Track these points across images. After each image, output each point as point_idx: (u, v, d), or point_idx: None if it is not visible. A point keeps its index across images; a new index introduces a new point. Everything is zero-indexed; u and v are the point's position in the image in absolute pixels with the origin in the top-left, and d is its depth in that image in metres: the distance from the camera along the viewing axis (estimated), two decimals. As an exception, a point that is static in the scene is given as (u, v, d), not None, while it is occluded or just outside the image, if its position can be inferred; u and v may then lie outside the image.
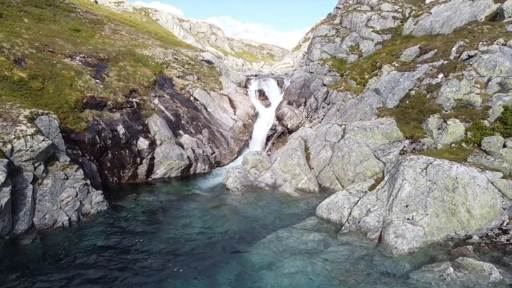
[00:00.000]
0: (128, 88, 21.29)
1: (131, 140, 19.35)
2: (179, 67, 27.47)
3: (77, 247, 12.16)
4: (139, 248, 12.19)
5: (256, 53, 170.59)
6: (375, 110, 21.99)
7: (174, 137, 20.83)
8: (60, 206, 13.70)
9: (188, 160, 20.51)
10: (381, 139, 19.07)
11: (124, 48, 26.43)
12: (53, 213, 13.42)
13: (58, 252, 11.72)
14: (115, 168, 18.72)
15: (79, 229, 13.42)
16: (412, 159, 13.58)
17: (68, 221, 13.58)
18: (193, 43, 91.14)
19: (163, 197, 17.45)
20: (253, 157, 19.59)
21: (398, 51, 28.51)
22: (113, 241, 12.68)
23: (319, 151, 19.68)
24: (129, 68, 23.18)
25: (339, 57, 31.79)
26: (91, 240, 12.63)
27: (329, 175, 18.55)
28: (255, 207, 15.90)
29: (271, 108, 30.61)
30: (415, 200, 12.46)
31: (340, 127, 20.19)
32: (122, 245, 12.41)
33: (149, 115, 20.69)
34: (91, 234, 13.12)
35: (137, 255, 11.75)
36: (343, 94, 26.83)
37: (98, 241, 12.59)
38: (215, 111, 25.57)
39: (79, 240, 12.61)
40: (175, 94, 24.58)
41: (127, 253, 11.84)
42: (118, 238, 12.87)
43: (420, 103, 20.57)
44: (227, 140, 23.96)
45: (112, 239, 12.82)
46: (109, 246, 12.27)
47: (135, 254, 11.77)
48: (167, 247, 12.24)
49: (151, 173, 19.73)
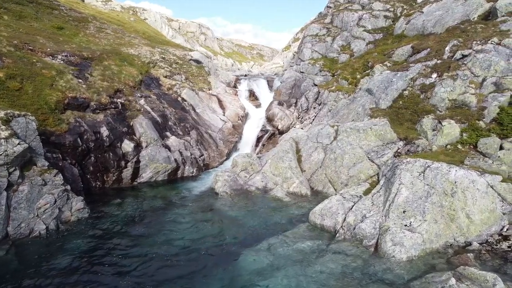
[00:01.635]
0: (112, 88, 20.43)
1: (116, 143, 18.51)
2: (166, 66, 26.65)
3: (54, 257, 11.34)
4: (121, 258, 11.41)
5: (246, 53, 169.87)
6: (368, 111, 21.47)
7: (160, 139, 20.03)
8: (37, 214, 12.84)
9: (175, 163, 19.73)
10: (374, 141, 18.53)
11: (109, 47, 25.52)
12: (29, 221, 12.56)
13: (34, 263, 10.90)
14: (98, 172, 17.87)
15: (57, 238, 12.59)
16: (409, 162, 13.03)
17: (46, 229, 12.73)
18: (182, 43, 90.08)
19: (149, 202, 16.67)
20: (243, 160, 18.90)
21: (390, 50, 28.08)
22: (93, 251, 11.88)
23: (311, 153, 19.07)
24: (114, 67, 22.31)
25: (330, 57, 31.27)
26: (70, 250, 11.82)
27: (322, 178, 17.95)
28: (245, 212, 15.21)
29: (261, 108, 29.95)
30: (413, 206, 11.89)
31: (332, 128, 19.61)
32: (103, 255, 11.62)
33: (135, 116, 19.86)
34: (70, 243, 12.30)
35: (119, 265, 10.98)
36: (335, 94, 26.29)
37: (77, 251, 11.78)
38: (204, 112, 24.82)
39: (57, 250, 11.78)
40: (162, 94, 23.77)
41: (108, 264, 11.06)
42: (98, 248, 12.08)
43: (414, 104, 20.10)
44: (216, 142, 23.23)
45: (92, 248, 12.02)
46: (89, 256, 11.47)
47: (116, 265, 11.01)
48: (151, 257, 11.49)
49: (136, 177, 18.92)
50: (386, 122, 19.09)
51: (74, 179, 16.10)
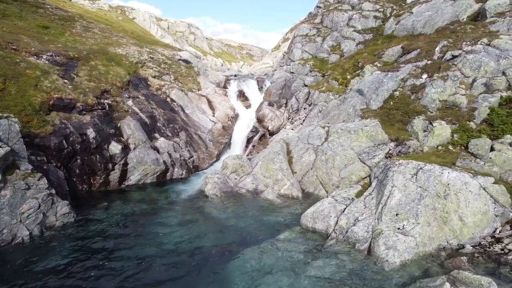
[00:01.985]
0: (99, 89, 19.98)
1: (103, 145, 18.08)
2: (155, 66, 26.22)
3: (38, 265, 10.93)
4: (107, 264, 11.05)
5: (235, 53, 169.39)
6: (359, 112, 21.35)
7: (149, 140, 19.64)
8: (20, 220, 12.40)
9: (164, 165, 19.36)
10: (365, 142, 18.41)
11: (97, 47, 25.01)
12: (12, 227, 12.11)
13: (16, 272, 10.48)
14: (84, 174, 17.43)
15: (41, 245, 12.16)
16: (401, 164, 12.88)
17: (29, 236, 12.29)
18: (171, 43, 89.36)
19: (137, 206, 16.29)
20: (233, 162, 18.62)
21: (380, 51, 28.05)
22: (78, 257, 11.48)
23: (302, 155, 18.86)
24: (101, 67, 21.84)
25: (321, 57, 31.15)
26: (54, 257, 11.41)
27: (313, 180, 17.76)
28: (236, 216, 14.93)
29: (252, 109, 29.69)
30: (406, 208, 11.74)
31: (323, 129, 19.43)
32: (88, 261, 11.24)
33: (122, 118, 19.44)
34: (54, 250, 11.89)
35: (105, 272, 10.62)
36: (325, 95, 26.15)
37: (61, 258, 11.38)
38: (193, 113, 24.47)
39: (41, 257, 11.36)
40: (151, 95, 23.36)
41: (93, 270, 10.69)
42: (84, 254, 11.69)
43: (405, 104, 20.04)
44: (206, 143, 22.90)
45: (78, 255, 11.62)
46: (74, 263, 11.07)
47: (102, 272, 10.64)
48: (138, 263, 11.15)
49: (124, 180, 18.50)
50: (377, 123, 18.97)
51: (59, 183, 15.65)
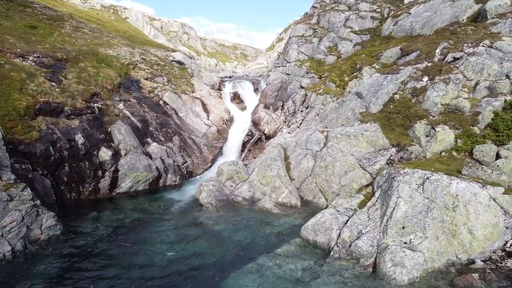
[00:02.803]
0: (89, 92, 19.15)
1: (92, 151, 17.27)
2: (147, 68, 25.40)
3: (20, 283, 10.15)
4: (95, 281, 10.29)
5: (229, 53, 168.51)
6: (358, 115, 20.73)
7: (141, 146, 18.86)
8: (2, 234, 11.58)
9: (157, 172, 18.59)
10: (366, 147, 17.78)
11: (86, 47, 24.14)
12: (-8, 242, 11.32)
13: (-5, 293, 9.71)
14: (73, 182, 16.61)
15: (24, 261, 11.36)
16: (407, 174, 12.24)
17: (12, 251, 11.48)
18: (164, 43, 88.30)
19: (128, 215, 15.52)
20: (229, 168, 17.90)
21: (378, 52, 27.47)
22: (64, 274, 10.70)
23: (300, 161, 18.19)
24: (91, 69, 21.00)
25: (317, 58, 30.51)
26: (38, 274, 10.62)
27: (312, 187, 17.09)
28: (232, 227, 14.21)
29: (247, 111, 28.97)
30: (412, 221, 11.10)
31: (322, 134, 18.78)
32: (75, 279, 10.47)
33: (113, 122, 18.64)
34: (38, 266, 11.09)
35: (92, 294, 9.88)
36: (323, 98, 25.51)
37: (46, 275, 10.60)
38: (187, 116, 23.70)
39: (23, 275, 10.57)
40: (143, 97, 22.55)
41: (79, 291, 9.94)
42: (70, 270, 10.91)
43: (406, 108, 19.44)
44: (200, 148, 22.14)
45: (63, 271, 10.84)
46: (59, 281, 10.30)
47: (89, 293, 9.90)
48: (128, 280, 10.40)
49: (115, 187, 17.71)
50: (378, 128, 18.36)
51: (45, 192, 14.85)
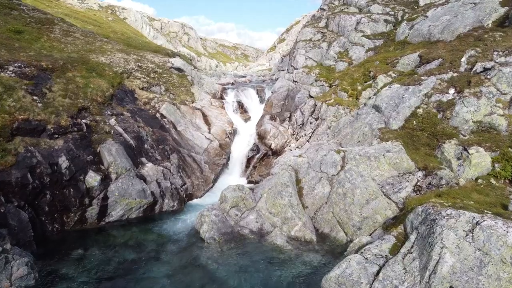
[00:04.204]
0: (75, 106, 17.05)
1: (78, 175, 15.17)
2: (143, 76, 23.28)
3: None
4: None
5: (230, 54, 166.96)
6: (377, 132, 18.64)
7: (134, 167, 16.76)
8: (-41, 291, 9.53)
9: (152, 197, 16.49)
10: (388, 170, 15.69)
11: (76, 54, 22.03)
12: None
13: None
14: (55, 212, 14.52)
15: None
16: (451, 217, 10.11)
17: (-29, 313, 9.44)
18: (164, 44, 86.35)
19: (118, 253, 13.44)
20: (233, 194, 15.80)
21: (393, 58, 25.36)
22: None
23: (314, 186, 16.09)
24: (80, 79, 18.90)
25: (327, 65, 28.39)
26: None
27: (328, 218, 14.99)
28: (238, 270, 12.12)
29: (251, 122, 26.88)
30: (462, 279, 8.98)
31: (338, 155, 16.67)
32: None
33: (103, 141, 16.53)
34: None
35: None
36: (334, 109, 23.40)
37: None
38: (186, 130, 21.59)
39: None
40: (138, 110, 20.44)
41: None
42: None
43: (431, 125, 17.34)
44: (201, 167, 20.04)
45: None
46: None
47: None
48: None
49: (104, 216, 15.62)
50: (401, 148, 16.26)
51: (21, 228, 12.77)
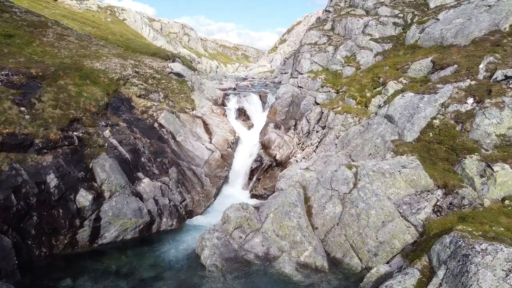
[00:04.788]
0: (67, 118, 15.82)
1: (68, 195, 13.94)
2: (140, 83, 22.05)
3: None
4: None
5: (230, 54, 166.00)
6: (390, 144, 17.42)
7: (130, 184, 15.54)
8: None
9: (149, 216, 15.27)
10: (405, 188, 14.46)
11: (69, 60, 20.79)
12: None
13: None
14: (43, 235, 13.30)
15: None
16: (487, 253, 8.87)
17: None
18: (164, 45, 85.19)
19: (111, 281, 12.27)
20: (237, 214, 14.57)
21: (404, 64, 24.13)
22: None
23: (324, 204, 14.85)
24: (72, 88, 17.68)
25: (333, 70, 27.16)
26: None
27: (341, 241, 13.75)
28: (243, 305, 10.91)
29: (254, 130, 25.65)
30: (505, 330, 7.77)
31: (350, 171, 15.43)
32: None
33: (96, 156, 15.31)
34: None
35: None
36: (342, 117, 22.15)
37: None
38: (186, 140, 20.35)
39: None
40: (135, 120, 19.22)
41: None
42: None
43: (449, 137, 16.09)
44: (201, 180, 18.81)
45: None
46: None
47: None
48: None
49: (97, 238, 14.41)
50: (418, 164, 15.03)
51: (4, 255, 11.56)
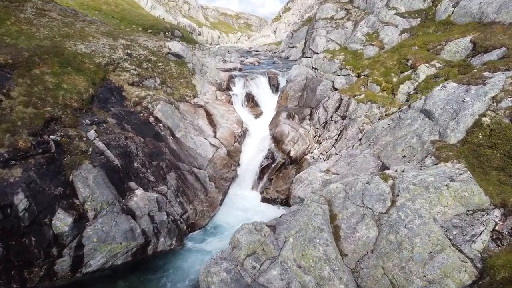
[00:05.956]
0: (41, 118, 13.02)
1: (42, 218, 11.35)
2: (133, 68, 19.01)
3: None
4: None
5: (232, 23, 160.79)
6: (429, 146, 14.63)
7: (119, 198, 12.92)
8: None
9: (143, 237, 12.73)
10: (453, 206, 11.76)
11: (49, 42, 17.72)
12: None
13: None
14: (13, 269, 10.83)
15: None
16: None
17: None
18: (163, 15, 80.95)
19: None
20: (249, 238, 11.99)
21: (436, 43, 20.99)
22: None
23: (355, 226, 12.22)
24: (50, 78, 14.77)
25: (352, 49, 23.92)
26: None
27: (377, 275, 11.22)
28: None
29: (263, 118, 22.80)
30: None
31: (385, 183, 12.71)
32: None
33: (77, 166, 12.60)
34: None
35: None
36: (366, 107, 19.28)
37: None
38: (187, 136, 17.58)
39: None
40: (126, 114, 16.38)
41: None
42: None
43: (504, 141, 13.23)
44: (205, 186, 16.18)
45: None
46: None
47: None
48: None
49: (80, 266, 11.93)
50: (470, 176, 12.29)
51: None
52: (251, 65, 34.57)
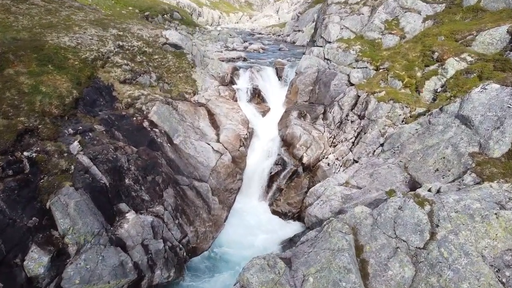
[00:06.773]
0: (13, 131, 10.95)
1: (11, 258, 9.43)
2: (125, 62, 16.76)
3: None
4: None
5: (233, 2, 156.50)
6: (467, 159, 12.60)
7: (107, 226, 10.98)
8: None
9: (136, 272, 10.85)
10: (503, 239, 9.81)
11: (28, 33, 15.45)
12: None
13: None
14: (-23, 320, 8.96)
15: None
16: None
17: None
18: (161, -6, 77.38)
19: None
20: (261, 278, 10.07)
21: (466, 33, 18.68)
22: None
23: (386, 262, 10.30)
24: (26, 79, 12.62)
25: (369, 38, 21.55)
26: None
27: (416, 326, 9.38)
28: None
29: (271, 116, 20.67)
30: None
31: (422, 210, 10.72)
32: None
33: (56, 190, 10.61)
34: None
35: None
36: (388, 106, 17.16)
37: None
38: (186, 141, 15.53)
39: None
40: (117, 118, 14.28)
41: None
42: None
43: (561, 157, 11.28)
44: (208, 202, 14.21)
45: None
46: None
47: None
48: None
49: (61, 310, 10.05)
50: (524, 202, 10.30)
51: None
52: (256, 53, 32.14)
